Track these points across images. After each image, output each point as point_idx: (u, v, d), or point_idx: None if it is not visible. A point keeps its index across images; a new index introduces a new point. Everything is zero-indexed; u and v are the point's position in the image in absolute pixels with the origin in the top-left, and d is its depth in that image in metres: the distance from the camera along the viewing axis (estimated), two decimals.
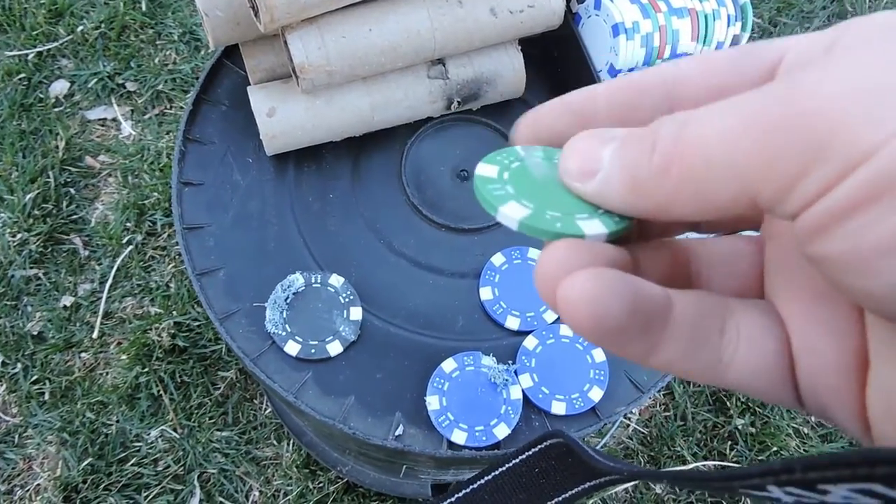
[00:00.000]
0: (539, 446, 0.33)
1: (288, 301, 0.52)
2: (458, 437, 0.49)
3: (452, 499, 0.35)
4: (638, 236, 0.19)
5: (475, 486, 0.35)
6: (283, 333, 0.51)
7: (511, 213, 0.19)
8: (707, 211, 0.15)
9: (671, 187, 0.15)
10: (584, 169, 0.17)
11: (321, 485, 0.99)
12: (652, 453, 1.07)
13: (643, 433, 1.09)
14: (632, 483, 1.04)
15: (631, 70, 0.58)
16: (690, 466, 1.06)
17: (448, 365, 0.51)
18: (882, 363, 0.15)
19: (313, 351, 0.51)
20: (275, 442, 1.02)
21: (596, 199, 0.17)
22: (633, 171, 0.16)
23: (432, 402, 0.50)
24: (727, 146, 0.14)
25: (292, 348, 0.51)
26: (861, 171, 0.12)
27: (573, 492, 0.32)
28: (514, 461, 0.34)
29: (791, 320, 0.17)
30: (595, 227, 0.17)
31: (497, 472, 0.34)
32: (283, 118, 0.54)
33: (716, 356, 0.16)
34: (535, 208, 0.19)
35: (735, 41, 0.60)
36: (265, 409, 1.04)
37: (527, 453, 0.34)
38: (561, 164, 0.18)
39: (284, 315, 0.52)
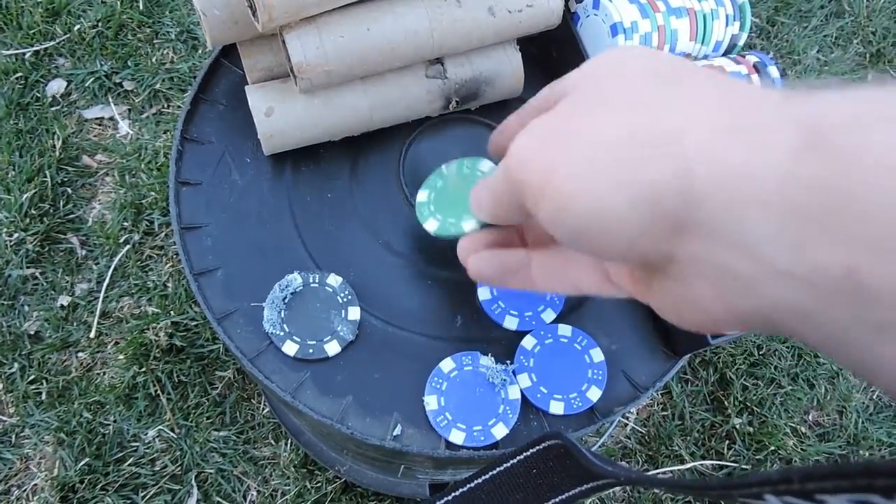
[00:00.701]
0: (538, 447, 0.33)
1: (286, 301, 0.52)
2: (457, 436, 0.48)
3: (450, 497, 0.35)
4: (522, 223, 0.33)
5: (472, 484, 0.35)
6: (281, 333, 0.51)
7: (430, 228, 0.37)
8: (513, 218, 0.28)
9: (496, 208, 0.29)
10: (477, 207, 0.31)
11: (319, 484, 0.99)
12: (650, 453, 1.07)
13: (641, 432, 1.09)
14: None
15: None
16: (688, 466, 1.06)
17: (446, 365, 0.51)
18: (632, 274, 0.26)
19: (311, 351, 0.51)
20: (272, 441, 1.02)
21: (484, 219, 0.31)
22: (487, 201, 0.30)
23: (430, 402, 0.50)
24: (495, 196, 0.29)
25: (290, 348, 0.51)
26: (539, 208, 0.24)
27: (570, 493, 0.32)
28: (512, 461, 0.34)
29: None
30: (470, 225, 0.35)
31: (495, 472, 0.34)
32: (280, 118, 0.54)
33: (571, 283, 0.30)
34: (442, 220, 0.37)
35: (733, 41, 0.60)
36: (263, 409, 1.04)
37: (525, 454, 0.34)
38: (472, 205, 0.32)
39: (282, 315, 0.52)
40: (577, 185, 0.21)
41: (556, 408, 0.50)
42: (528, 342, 0.51)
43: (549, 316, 0.53)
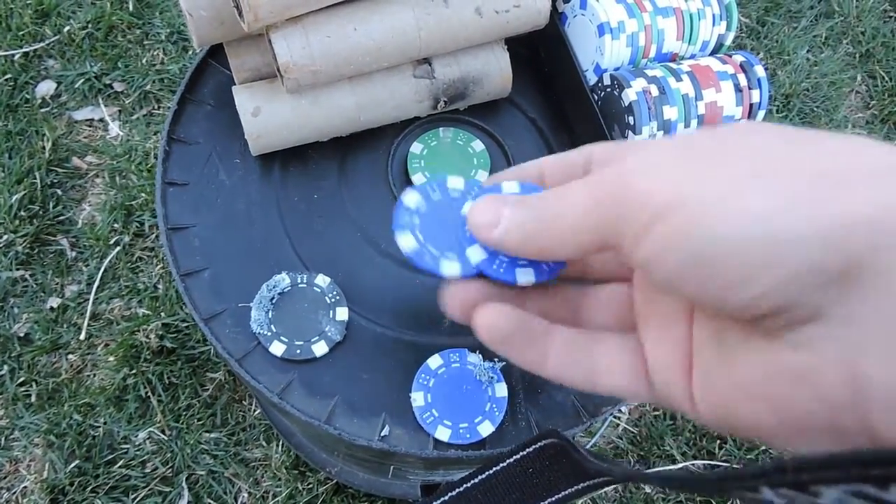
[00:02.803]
0: (534, 446, 0.33)
1: (273, 301, 0.52)
2: (442, 433, 0.48)
3: (445, 497, 0.35)
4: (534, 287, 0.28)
5: (468, 484, 0.35)
6: (269, 334, 0.51)
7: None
8: (573, 253, 0.23)
9: (549, 238, 0.23)
10: (489, 222, 0.25)
11: (310, 486, 0.99)
12: (641, 453, 1.08)
13: (633, 432, 1.09)
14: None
15: (617, 69, 0.58)
16: (680, 466, 1.06)
17: (434, 361, 0.51)
18: (700, 354, 0.22)
19: (299, 351, 0.51)
20: (264, 443, 1.02)
21: (497, 244, 0.25)
22: (524, 225, 0.24)
23: (417, 399, 0.50)
24: (575, 216, 0.22)
25: (277, 349, 0.51)
26: (656, 228, 0.19)
27: (566, 492, 0.32)
28: (508, 461, 0.34)
29: (645, 339, 0.25)
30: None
31: (491, 472, 0.34)
32: (268, 118, 0.54)
33: (590, 367, 0.25)
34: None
35: (720, 40, 0.60)
36: (254, 411, 1.03)
37: (521, 453, 0.34)
38: (470, 220, 0.25)
39: (270, 315, 0.52)
40: (739, 203, 0.18)
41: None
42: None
43: None
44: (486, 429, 0.49)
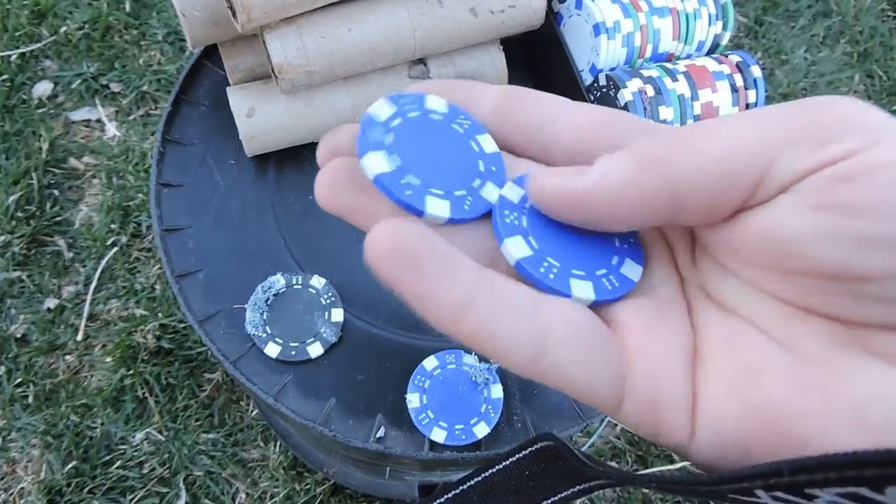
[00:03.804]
0: (530, 448, 0.33)
1: (268, 302, 0.52)
2: (438, 435, 0.48)
3: (442, 499, 0.35)
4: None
5: (465, 486, 0.35)
6: (264, 335, 0.51)
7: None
8: (719, 184, 0.16)
9: (686, 164, 0.16)
10: (576, 171, 0.18)
11: (308, 487, 0.98)
12: (640, 453, 1.08)
13: (630, 432, 1.09)
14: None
15: (612, 70, 0.58)
16: (678, 466, 1.06)
17: (429, 363, 0.50)
18: (716, 356, 0.17)
19: (294, 353, 0.51)
20: (261, 444, 1.01)
21: (593, 192, 0.17)
22: (647, 154, 0.17)
23: (413, 400, 0.50)
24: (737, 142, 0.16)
25: (272, 350, 0.51)
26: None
27: (563, 495, 0.32)
28: (504, 463, 0.34)
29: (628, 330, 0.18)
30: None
31: (487, 474, 0.34)
32: (262, 119, 0.54)
33: (538, 326, 0.17)
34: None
35: (716, 40, 0.60)
36: (251, 411, 1.03)
37: (517, 455, 0.34)
38: (539, 182, 0.18)
39: (265, 316, 0.51)
40: None
41: (585, 290, 0.46)
42: (511, 192, 0.48)
43: None
44: (481, 430, 0.49)
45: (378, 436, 0.49)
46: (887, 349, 0.15)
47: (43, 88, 1.24)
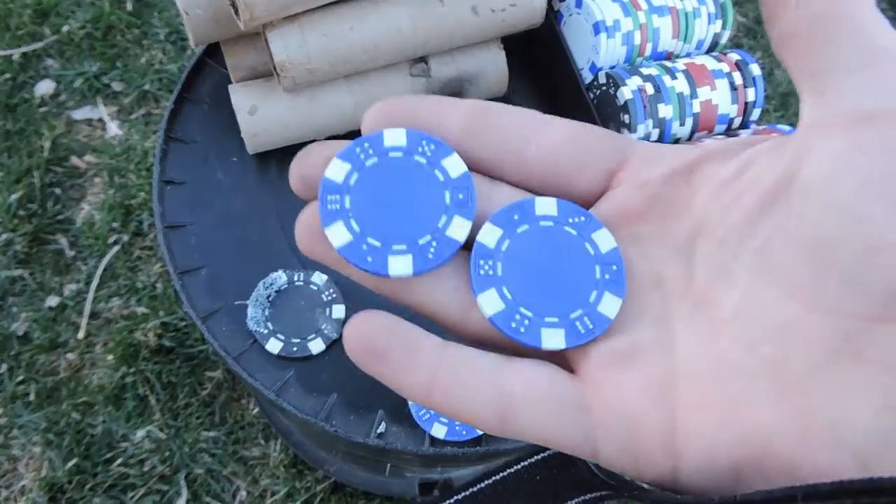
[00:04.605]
0: (542, 454, 0.33)
1: (270, 299, 0.52)
2: (438, 430, 0.49)
3: (452, 500, 0.35)
4: None
5: (475, 489, 0.35)
6: (265, 331, 0.51)
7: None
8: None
9: None
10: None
11: (308, 484, 0.99)
12: None
13: None
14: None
15: (612, 68, 0.58)
16: None
17: None
18: (701, 384, 0.16)
19: (295, 349, 0.51)
20: (262, 442, 1.02)
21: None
22: None
23: None
24: None
25: (274, 346, 0.51)
26: None
27: (573, 502, 0.32)
28: (516, 467, 0.34)
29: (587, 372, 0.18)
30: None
31: (498, 477, 0.34)
32: (264, 116, 0.54)
33: (500, 390, 0.17)
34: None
35: (716, 39, 0.60)
36: (252, 409, 1.04)
37: (530, 460, 0.34)
38: None
39: (266, 313, 0.52)
40: None
41: (554, 339, 0.22)
42: (487, 236, 0.22)
43: None
44: None
45: (379, 431, 0.50)
46: (879, 355, 0.14)
47: (45, 87, 1.24)
